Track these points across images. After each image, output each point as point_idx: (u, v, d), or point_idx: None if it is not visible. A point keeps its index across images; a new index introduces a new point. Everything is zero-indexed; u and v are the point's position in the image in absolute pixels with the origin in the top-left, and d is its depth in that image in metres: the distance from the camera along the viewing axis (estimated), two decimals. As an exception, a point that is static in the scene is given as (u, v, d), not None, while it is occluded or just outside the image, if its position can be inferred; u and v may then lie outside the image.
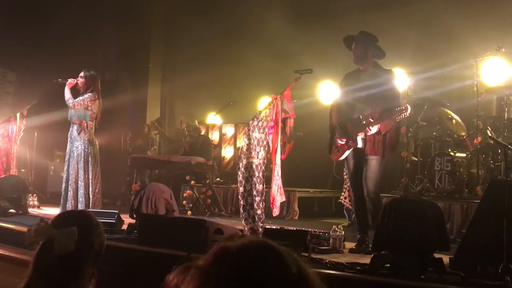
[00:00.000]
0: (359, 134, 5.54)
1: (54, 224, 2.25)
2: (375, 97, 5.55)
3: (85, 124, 7.21)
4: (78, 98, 7.24)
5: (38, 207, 8.78)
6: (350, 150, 5.69)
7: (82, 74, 7.35)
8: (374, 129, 5.44)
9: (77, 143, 7.19)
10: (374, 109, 5.52)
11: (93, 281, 2.30)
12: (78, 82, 7.32)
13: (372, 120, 5.43)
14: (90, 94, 7.26)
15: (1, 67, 11.84)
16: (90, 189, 7.16)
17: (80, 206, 7.02)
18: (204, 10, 12.91)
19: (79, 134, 7.19)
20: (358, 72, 5.81)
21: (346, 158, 5.80)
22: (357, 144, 5.58)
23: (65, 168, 7.32)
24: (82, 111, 7.24)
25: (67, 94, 7.25)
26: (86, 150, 7.17)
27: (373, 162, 5.55)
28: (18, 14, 11.85)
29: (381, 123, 5.43)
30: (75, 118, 7.26)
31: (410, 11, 10.05)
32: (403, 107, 5.40)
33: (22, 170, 10.19)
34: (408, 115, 5.49)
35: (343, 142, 5.73)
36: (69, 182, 7.16)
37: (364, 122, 5.50)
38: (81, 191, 7.11)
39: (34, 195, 9.06)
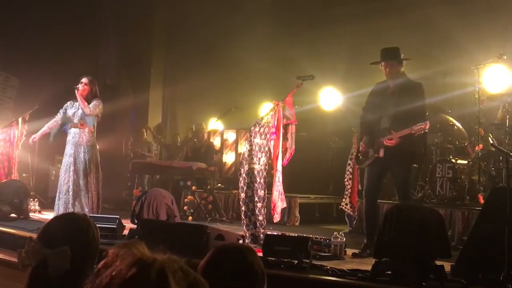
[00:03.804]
0: (383, 145, 5.61)
1: (44, 241, 2.15)
2: (399, 106, 5.63)
3: (92, 129, 7.22)
4: (91, 105, 7.19)
5: (39, 211, 8.78)
6: (374, 158, 5.78)
7: (85, 80, 7.27)
8: (391, 142, 5.51)
9: (83, 149, 7.16)
10: (397, 118, 5.58)
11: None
12: (84, 88, 7.29)
13: (394, 132, 5.54)
14: (99, 100, 7.26)
15: (4, 72, 11.87)
16: (91, 194, 7.13)
17: (82, 211, 6.99)
18: (206, 15, 12.93)
19: (86, 138, 7.17)
20: (387, 83, 5.91)
21: (368, 164, 5.91)
22: (379, 154, 5.66)
23: (63, 171, 7.24)
24: (94, 117, 7.25)
25: (83, 101, 7.16)
26: (88, 154, 7.14)
27: (400, 172, 5.69)
28: (20, 20, 11.87)
29: (402, 135, 5.52)
30: (83, 122, 7.20)
31: (411, 17, 10.06)
32: (423, 124, 5.46)
33: (24, 174, 10.19)
34: (426, 130, 5.59)
35: (364, 150, 5.86)
36: (68, 186, 7.12)
37: (388, 134, 5.61)
38: (82, 196, 7.08)
39: (35, 199, 9.06)
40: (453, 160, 7.50)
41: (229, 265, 2.07)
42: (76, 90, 7.20)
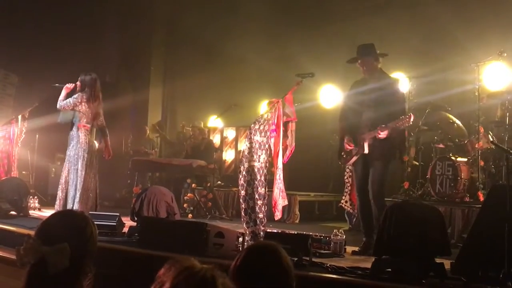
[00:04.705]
0: (366, 140, 5.60)
1: (43, 239, 2.13)
2: (380, 102, 5.64)
3: (73, 124, 7.16)
4: (66, 100, 7.19)
5: (39, 209, 8.77)
6: (358, 155, 5.78)
7: (79, 78, 7.33)
8: (383, 134, 5.49)
9: (72, 145, 7.14)
10: (379, 114, 5.58)
11: (90, 276, 2.22)
12: (75, 85, 7.29)
13: (384, 126, 5.49)
14: (77, 94, 7.18)
15: (3, 69, 11.85)
16: (87, 191, 7.10)
17: (77, 208, 6.94)
18: (205, 14, 12.92)
19: (72, 135, 7.15)
20: (365, 80, 5.96)
21: (354, 163, 5.93)
22: (363, 150, 5.65)
23: (62, 170, 7.29)
24: (69, 112, 7.19)
25: (60, 96, 7.22)
26: (80, 151, 7.07)
27: (378, 166, 5.67)
28: (20, 17, 11.85)
29: (391, 128, 5.49)
30: (60, 119, 7.23)
31: (411, 15, 10.05)
32: (407, 116, 5.45)
33: (23, 172, 10.19)
34: (411, 123, 5.56)
35: (351, 148, 5.83)
36: (64, 184, 7.12)
37: (371, 129, 5.60)
38: (78, 194, 7.03)
39: (35, 197, 9.06)
40: (453, 158, 7.50)
41: (265, 265, 2.07)
42: (61, 88, 7.25)
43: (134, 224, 6.43)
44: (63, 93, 7.24)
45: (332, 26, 10.89)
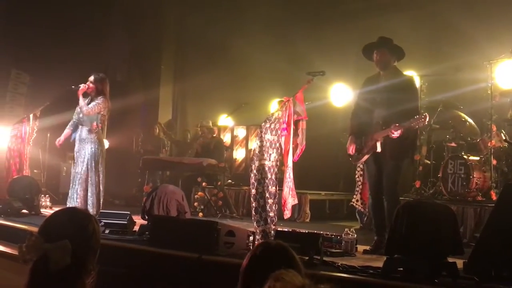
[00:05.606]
0: (379, 138, 5.57)
1: (45, 236, 2.14)
2: (392, 100, 5.58)
3: (95, 126, 7.26)
4: (91, 104, 7.29)
5: (51, 207, 8.80)
6: (370, 154, 5.73)
7: (91, 78, 7.41)
8: (397, 133, 5.45)
9: (87, 145, 7.25)
10: (391, 112, 5.54)
11: (93, 273, 2.22)
12: (88, 86, 7.35)
13: (398, 125, 5.45)
14: (102, 99, 7.32)
15: (15, 68, 11.92)
16: (100, 189, 7.21)
17: (90, 206, 7.03)
18: (216, 12, 12.92)
19: (89, 135, 7.24)
20: (378, 77, 5.89)
21: (366, 161, 5.88)
22: (376, 149, 5.61)
23: (74, 169, 7.38)
24: (94, 115, 7.30)
25: (81, 101, 7.30)
26: (95, 151, 7.23)
27: (392, 165, 5.63)
28: (31, 17, 11.91)
29: (405, 127, 5.44)
30: (87, 122, 7.31)
31: (423, 12, 9.99)
32: (422, 116, 5.40)
33: (35, 171, 10.24)
34: (426, 123, 5.50)
35: (352, 153, 5.85)
36: (77, 183, 7.19)
37: (384, 127, 5.55)
38: (91, 191, 7.15)
39: (47, 195, 9.09)
40: (465, 157, 7.45)
41: (274, 264, 2.06)
42: (77, 90, 7.30)
43: (145, 222, 6.44)
44: (81, 97, 7.29)
45: (343, 25, 10.85)
